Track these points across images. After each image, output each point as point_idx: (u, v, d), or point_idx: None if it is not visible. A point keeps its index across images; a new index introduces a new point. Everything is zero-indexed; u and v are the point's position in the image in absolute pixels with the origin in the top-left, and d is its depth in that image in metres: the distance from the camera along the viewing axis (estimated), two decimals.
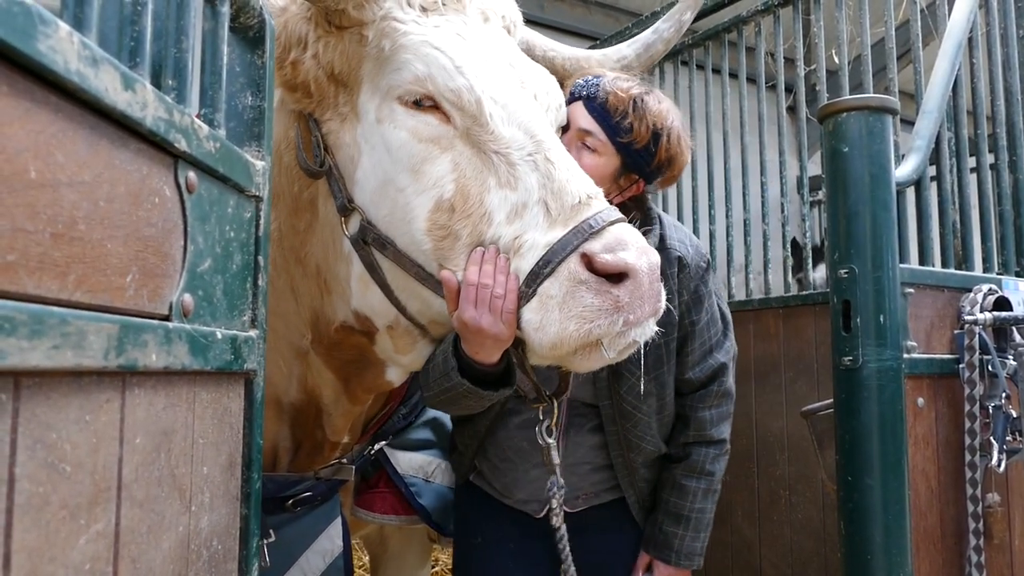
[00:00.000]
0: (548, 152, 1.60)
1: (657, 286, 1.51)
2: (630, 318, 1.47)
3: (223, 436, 1.24)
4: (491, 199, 1.60)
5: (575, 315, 1.48)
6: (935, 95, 2.94)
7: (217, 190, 1.21)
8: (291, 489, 2.18)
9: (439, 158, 1.65)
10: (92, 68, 0.85)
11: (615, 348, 1.52)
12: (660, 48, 2.18)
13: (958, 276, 2.87)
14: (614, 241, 1.49)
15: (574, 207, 1.53)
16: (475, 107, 1.62)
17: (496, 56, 1.69)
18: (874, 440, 2.46)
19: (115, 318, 0.91)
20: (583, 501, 2.41)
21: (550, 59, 2.11)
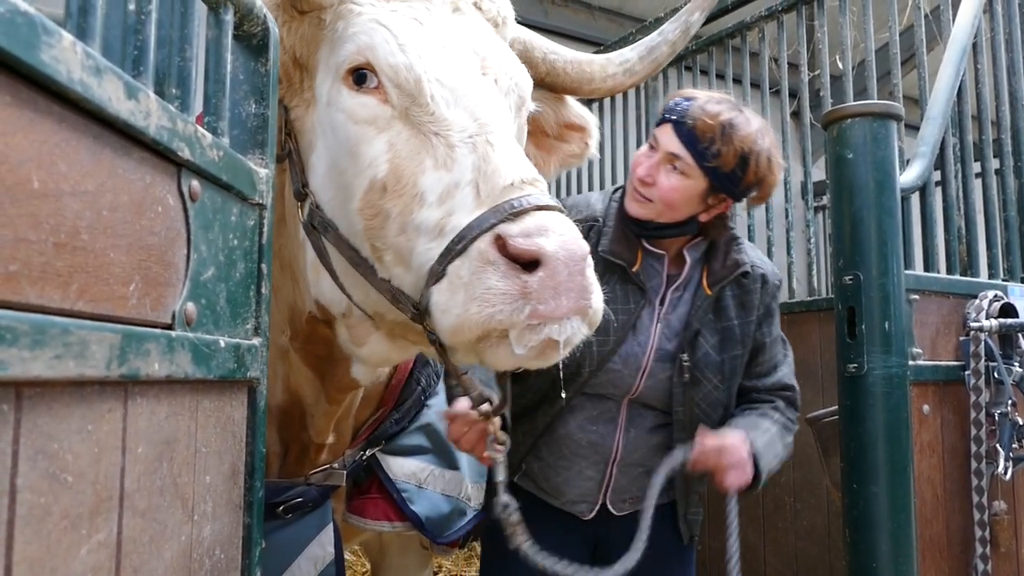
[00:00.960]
0: (490, 135, 1.53)
1: (581, 281, 1.36)
2: (539, 309, 1.34)
3: (226, 445, 1.24)
4: (425, 180, 1.55)
5: (477, 297, 1.37)
6: (939, 101, 2.94)
7: (220, 198, 1.20)
8: (282, 495, 2.16)
9: (375, 139, 1.62)
10: (95, 78, 0.85)
11: (524, 343, 1.38)
12: (665, 51, 2.10)
13: (963, 282, 2.86)
14: (534, 226, 1.37)
15: (504, 189, 1.45)
16: (413, 86, 1.58)
17: (454, 41, 1.67)
18: (879, 447, 2.45)
19: (117, 327, 0.90)
20: (629, 505, 2.42)
21: (551, 62, 2.05)
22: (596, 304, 1.43)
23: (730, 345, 2.36)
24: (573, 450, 2.39)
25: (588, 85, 2.08)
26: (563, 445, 2.40)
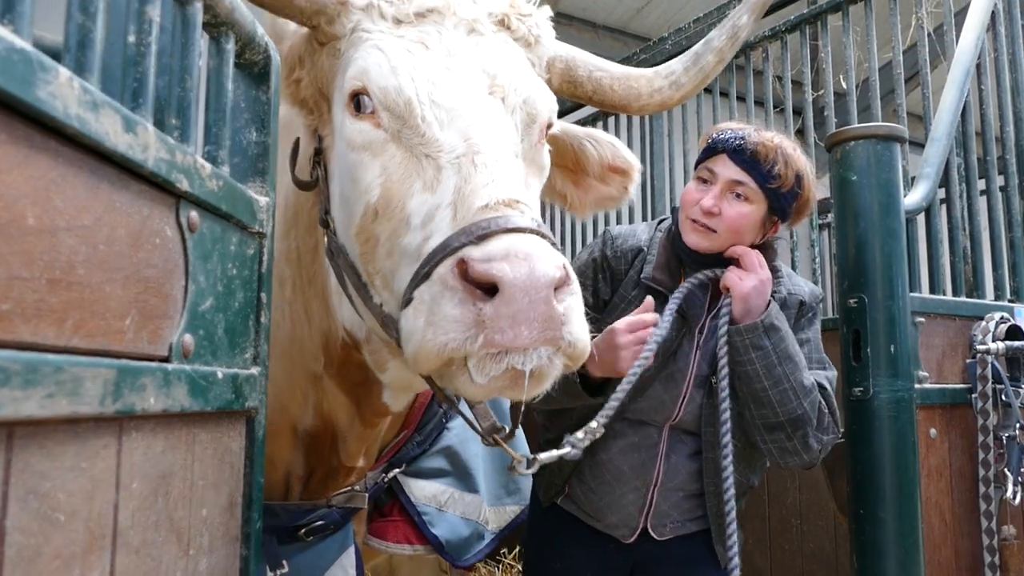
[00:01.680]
0: (478, 155, 1.47)
1: (545, 310, 1.28)
2: (495, 338, 1.27)
3: (223, 476, 1.23)
4: (412, 203, 1.52)
5: (434, 324, 1.32)
6: (944, 122, 2.93)
7: (220, 228, 1.20)
8: (304, 518, 2.16)
9: (371, 164, 1.60)
10: (92, 112, 0.85)
11: (485, 373, 1.32)
12: (711, 59, 1.94)
13: (969, 304, 2.84)
14: (500, 250, 1.30)
15: (478, 210, 1.39)
16: (403, 108, 1.56)
17: (460, 62, 1.63)
18: (886, 472, 2.43)
19: (112, 362, 0.89)
20: (670, 530, 2.43)
21: (596, 80, 1.95)
22: (574, 335, 1.34)
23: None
24: (615, 475, 2.41)
25: (636, 102, 1.97)
26: (605, 470, 2.41)
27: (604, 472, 2.41)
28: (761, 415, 2.28)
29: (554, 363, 1.35)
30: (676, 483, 2.41)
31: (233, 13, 1.25)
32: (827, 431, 2.30)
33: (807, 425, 2.24)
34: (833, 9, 4.17)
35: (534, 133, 1.70)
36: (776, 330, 2.24)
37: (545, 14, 1.90)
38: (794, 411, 2.23)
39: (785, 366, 2.23)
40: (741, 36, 1.88)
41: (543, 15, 1.89)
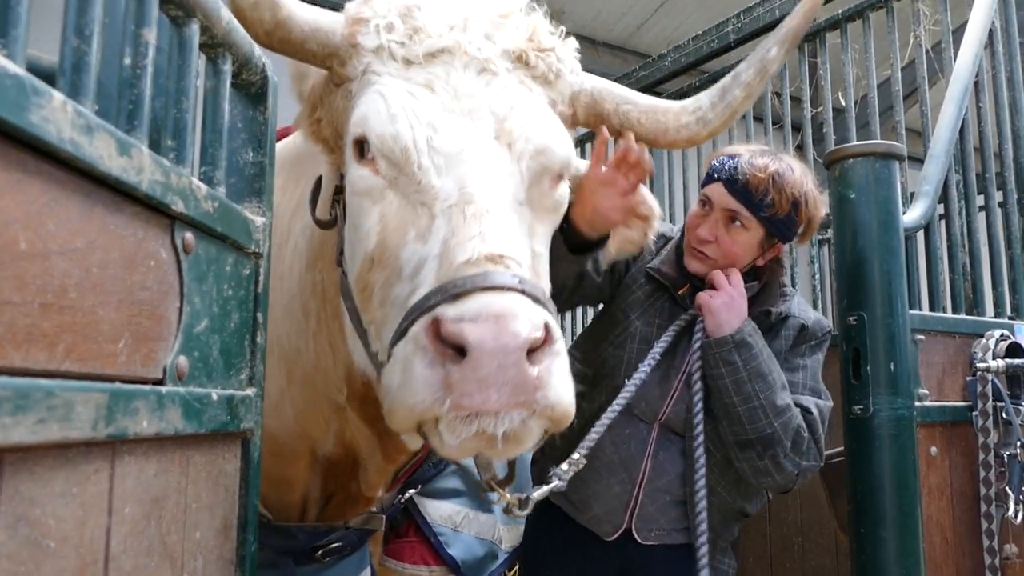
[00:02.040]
0: (470, 205, 1.43)
1: (516, 374, 1.24)
2: (462, 402, 1.24)
3: (217, 499, 1.22)
4: (404, 253, 1.49)
5: (406, 383, 1.30)
6: (942, 139, 2.93)
7: (215, 249, 1.20)
8: (322, 539, 2.17)
9: (371, 210, 1.58)
10: (86, 136, 0.85)
11: (456, 435, 1.29)
12: (738, 94, 1.80)
13: (969, 322, 2.83)
14: (472, 310, 1.27)
15: (460, 265, 1.35)
16: (399, 156, 1.52)
17: (466, 105, 1.59)
18: (887, 491, 2.41)
19: (105, 386, 0.89)
20: (655, 536, 2.44)
21: (624, 113, 1.86)
22: (550, 399, 1.29)
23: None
24: (604, 464, 2.43)
25: (664, 137, 1.87)
26: (595, 458, 2.39)
27: (594, 460, 2.39)
28: (732, 431, 2.31)
29: (529, 426, 1.31)
30: (662, 483, 2.42)
31: (230, 34, 1.25)
32: (805, 455, 2.30)
33: (777, 445, 2.26)
34: (831, 27, 4.19)
35: (545, 182, 1.65)
36: (748, 347, 2.27)
37: (571, 46, 1.85)
38: (763, 430, 2.25)
39: (755, 383, 2.25)
40: (770, 69, 1.77)
41: (567, 48, 1.83)
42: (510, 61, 1.68)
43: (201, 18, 1.17)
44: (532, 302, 1.33)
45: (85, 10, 0.90)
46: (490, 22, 1.67)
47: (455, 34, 1.62)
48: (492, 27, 1.67)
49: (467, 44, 1.62)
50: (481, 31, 1.65)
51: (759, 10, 4.48)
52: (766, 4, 4.44)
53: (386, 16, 1.64)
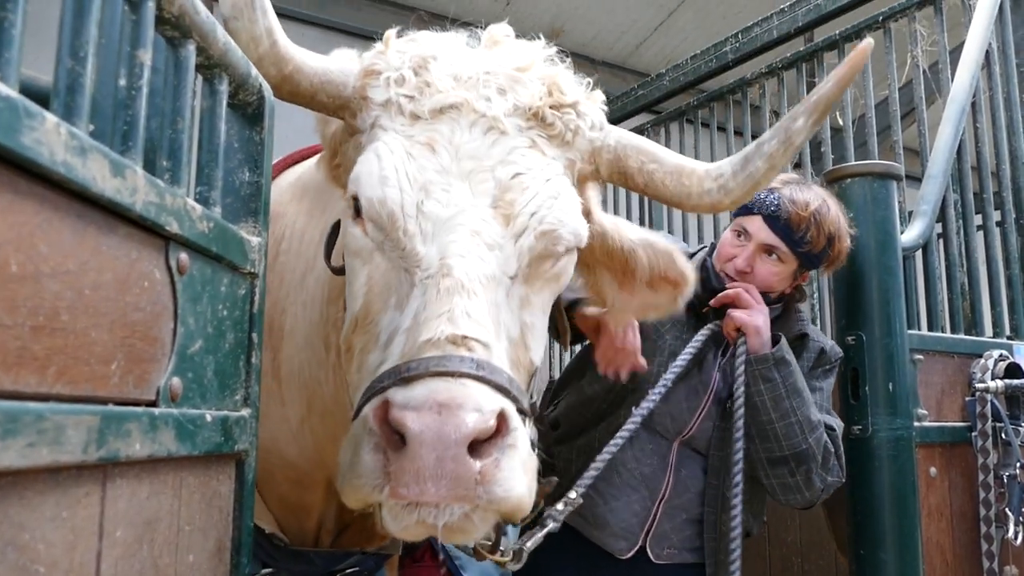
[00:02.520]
0: (444, 279, 1.39)
1: (455, 468, 1.20)
2: (399, 491, 1.21)
3: (211, 521, 1.21)
4: (384, 320, 1.47)
5: (352, 465, 1.29)
6: (940, 159, 2.94)
7: (210, 269, 1.19)
8: (339, 564, 2.16)
9: (360, 271, 1.56)
10: (79, 157, 0.84)
11: (397, 521, 1.27)
12: (761, 166, 1.67)
13: (968, 342, 2.83)
14: (418, 397, 1.23)
15: (421, 344, 1.32)
16: (386, 221, 1.48)
17: (465, 168, 1.52)
18: (886, 512, 2.40)
19: (96, 409, 0.88)
20: (667, 555, 2.45)
21: (648, 173, 1.76)
22: (496, 494, 1.24)
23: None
24: (625, 479, 2.44)
25: (687, 201, 1.78)
26: (616, 473, 2.42)
27: (615, 475, 2.41)
28: (766, 448, 2.30)
29: (472, 520, 1.27)
30: (682, 501, 2.44)
31: (227, 55, 1.25)
32: (831, 472, 2.31)
33: (811, 461, 2.26)
34: (829, 47, 4.21)
35: (548, 263, 1.59)
36: (786, 364, 2.29)
37: (597, 98, 1.78)
38: (799, 445, 2.25)
39: (793, 400, 2.26)
40: (796, 141, 1.64)
41: (592, 101, 1.75)
42: (523, 119, 1.61)
43: (197, 39, 1.17)
44: (490, 389, 1.29)
45: (80, 32, 0.90)
46: (506, 76, 1.62)
47: (464, 90, 1.57)
48: (508, 81, 1.61)
49: (475, 101, 1.56)
50: (495, 86, 1.60)
51: (757, 30, 4.51)
52: (764, 24, 4.47)
53: (398, 68, 1.60)
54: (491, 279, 1.44)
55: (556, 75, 1.68)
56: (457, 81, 1.58)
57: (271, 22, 1.55)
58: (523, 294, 1.55)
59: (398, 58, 1.62)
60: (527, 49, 1.72)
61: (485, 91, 1.58)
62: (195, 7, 1.13)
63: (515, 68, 1.64)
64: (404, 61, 1.61)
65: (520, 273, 1.53)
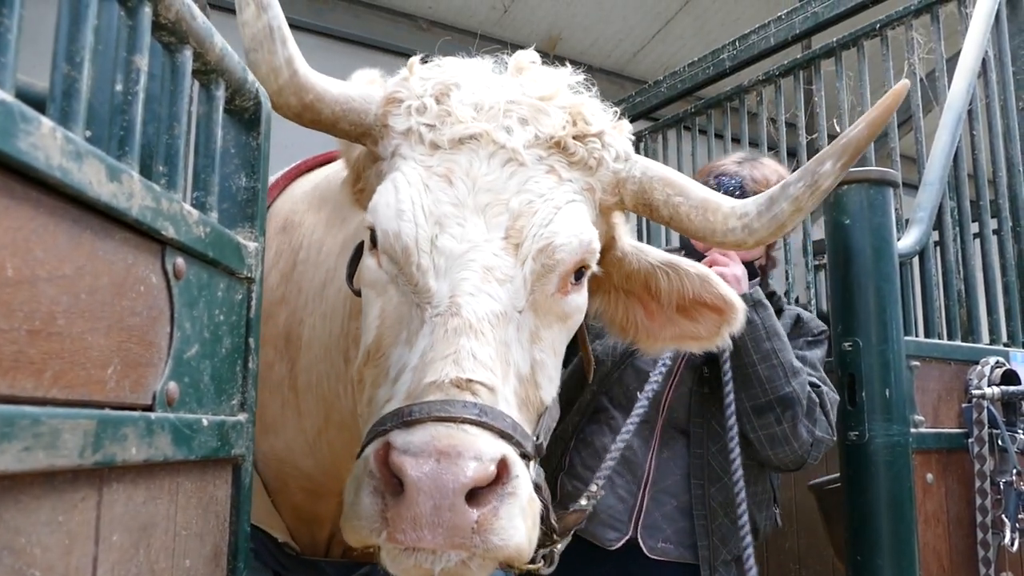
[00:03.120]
0: (453, 319, 1.38)
1: (452, 518, 1.20)
2: (397, 536, 1.21)
3: (208, 526, 1.21)
4: (394, 355, 1.46)
5: (353, 505, 1.29)
6: (936, 166, 2.95)
7: (207, 274, 1.19)
8: (351, 574, 2.15)
9: (374, 303, 1.55)
10: (75, 162, 0.84)
11: (395, 564, 1.28)
12: (786, 208, 1.63)
13: (965, 348, 2.83)
14: (420, 442, 1.23)
15: (426, 387, 1.32)
16: (400, 255, 1.47)
17: (480, 200, 1.51)
18: (883, 518, 2.40)
19: (93, 413, 0.88)
20: (662, 550, 2.42)
21: (674, 206, 1.72)
22: (494, 544, 1.24)
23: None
24: (619, 463, 2.42)
25: (712, 237, 1.73)
26: (599, 459, 2.41)
27: (598, 461, 2.40)
28: (751, 396, 2.33)
29: (471, 567, 1.27)
30: (667, 484, 2.43)
31: (223, 61, 1.25)
32: (818, 424, 2.34)
33: (796, 405, 2.29)
34: (826, 55, 4.23)
35: (551, 282, 1.55)
36: (764, 306, 2.37)
37: (624, 128, 1.76)
38: (781, 388, 2.29)
39: (774, 342, 2.33)
40: (823, 185, 1.59)
41: (618, 131, 1.72)
42: (544, 149, 1.59)
43: (194, 45, 1.17)
44: (492, 436, 1.29)
45: (76, 37, 0.90)
46: (530, 106, 1.60)
47: (485, 120, 1.56)
48: (531, 112, 1.60)
49: (495, 132, 1.55)
50: (517, 116, 1.59)
51: (754, 37, 4.52)
52: (761, 31, 4.48)
53: (420, 97, 1.59)
54: (501, 317, 1.43)
55: (581, 104, 1.66)
56: (478, 111, 1.57)
57: (291, 52, 1.54)
58: (533, 328, 1.53)
59: (420, 86, 1.61)
60: (552, 77, 1.70)
61: (506, 121, 1.57)
62: (192, 13, 1.13)
63: (539, 97, 1.62)
64: (426, 89, 1.60)
65: (529, 303, 1.51)
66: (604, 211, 1.73)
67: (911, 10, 3.84)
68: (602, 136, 1.66)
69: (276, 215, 2.22)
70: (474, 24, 7.26)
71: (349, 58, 6.59)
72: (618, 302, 1.91)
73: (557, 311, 1.59)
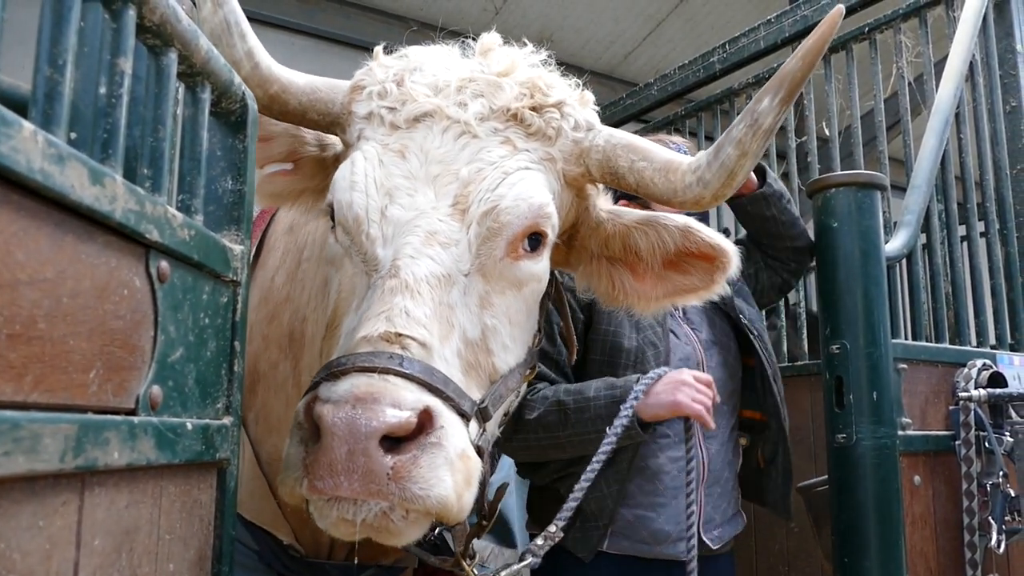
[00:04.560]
0: (391, 280, 1.41)
1: (367, 463, 1.19)
2: (316, 484, 1.22)
3: (192, 530, 1.20)
4: (345, 323, 1.50)
5: (285, 459, 1.29)
6: (924, 169, 2.96)
7: (192, 277, 1.19)
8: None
9: (334, 278, 1.59)
10: (57, 165, 0.84)
11: (322, 517, 1.28)
12: (731, 152, 1.58)
13: (952, 351, 2.85)
14: (341, 391, 1.24)
15: (358, 341, 1.34)
16: (352, 224, 1.52)
17: (431, 171, 1.54)
18: (870, 520, 2.41)
19: (74, 417, 0.88)
20: (717, 537, 2.48)
21: (638, 171, 1.69)
22: (411, 493, 1.22)
23: (748, 297, 2.72)
24: (667, 484, 2.44)
25: (675, 197, 1.69)
26: (659, 481, 2.42)
27: (658, 482, 2.42)
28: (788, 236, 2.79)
29: (392, 519, 1.25)
30: (715, 474, 2.49)
31: (209, 63, 1.25)
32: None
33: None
34: None
35: (498, 247, 1.55)
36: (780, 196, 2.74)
37: (587, 101, 1.76)
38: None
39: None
40: (764, 123, 1.54)
41: (579, 103, 1.72)
42: (500, 121, 1.62)
43: (179, 47, 1.17)
44: (416, 386, 1.29)
45: (58, 40, 0.90)
46: (486, 82, 1.64)
47: (438, 98, 1.60)
48: (487, 87, 1.63)
49: (448, 108, 1.59)
50: (471, 91, 1.62)
51: (744, 40, 4.53)
52: (751, 34, 4.49)
53: (382, 82, 1.64)
54: (442, 278, 1.45)
55: (537, 77, 1.69)
56: (434, 90, 1.62)
57: (251, 45, 1.60)
58: (482, 292, 1.54)
59: (383, 72, 1.67)
60: (512, 55, 1.74)
61: (460, 97, 1.61)
62: (177, 15, 1.13)
63: (496, 73, 1.66)
64: (388, 75, 1.65)
65: (477, 267, 1.53)
66: (571, 183, 1.74)
67: (899, 14, 3.86)
68: (561, 107, 1.68)
69: (283, 216, 2.24)
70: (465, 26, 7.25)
71: (340, 59, 6.59)
72: (601, 270, 1.90)
73: (509, 277, 1.59)
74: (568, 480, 2.45)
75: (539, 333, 1.83)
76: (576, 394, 2.31)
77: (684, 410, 2.18)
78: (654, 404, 2.21)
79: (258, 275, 2.22)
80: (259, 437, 2.11)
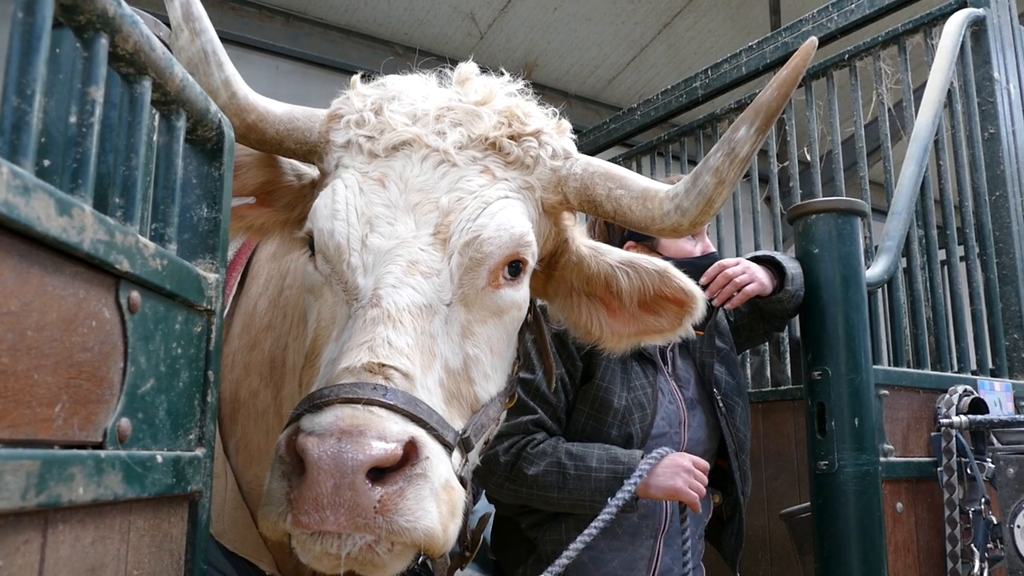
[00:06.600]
0: (372, 309, 1.40)
1: (353, 497, 1.18)
2: (300, 519, 1.20)
3: (161, 565, 1.18)
4: (325, 353, 1.48)
5: (267, 493, 1.27)
6: (903, 196, 2.98)
7: (163, 307, 1.17)
8: None
9: (313, 307, 1.58)
10: (23, 197, 0.83)
11: (305, 551, 1.25)
12: (709, 180, 1.58)
13: (933, 377, 2.85)
14: (325, 423, 1.23)
15: (339, 372, 1.33)
16: (333, 253, 1.50)
17: (411, 200, 1.54)
18: (853, 547, 2.40)
19: (36, 453, 0.86)
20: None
21: (616, 199, 1.69)
22: (398, 525, 1.21)
23: (733, 365, 2.68)
24: (626, 529, 2.44)
25: (653, 225, 1.70)
26: (616, 525, 2.40)
27: (616, 527, 2.41)
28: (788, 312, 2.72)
29: (377, 552, 1.23)
30: (679, 526, 2.47)
31: (184, 91, 1.24)
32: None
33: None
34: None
35: (480, 276, 1.55)
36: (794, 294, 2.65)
37: (564, 130, 1.77)
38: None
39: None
40: (741, 152, 1.54)
41: (556, 131, 1.74)
42: (479, 150, 1.62)
43: (153, 75, 1.16)
44: (400, 417, 1.28)
45: (26, 69, 0.89)
46: (464, 111, 1.64)
47: (417, 126, 1.60)
48: (465, 116, 1.63)
49: (427, 136, 1.59)
50: (450, 120, 1.62)
51: (726, 66, 4.57)
52: (733, 60, 4.53)
53: (360, 111, 1.64)
54: (424, 308, 1.45)
55: (515, 106, 1.69)
56: (413, 119, 1.61)
57: (228, 74, 1.59)
58: (464, 322, 1.54)
59: (360, 101, 1.66)
60: (490, 84, 1.74)
61: (439, 126, 1.61)
62: (151, 44, 1.12)
63: (474, 102, 1.66)
64: (366, 104, 1.64)
65: (459, 297, 1.53)
66: (549, 211, 1.74)
67: (879, 41, 3.90)
68: (539, 135, 1.68)
69: (268, 243, 2.23)
70: (450, 50, 7.30)
71: (325, 83, 6.60)
72: (580, 305, 1.92)
73: (491, 306, 1.59)
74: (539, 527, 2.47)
75: (518, 360, 1.82)
76: (578, 460, 2.34)
77: (681, 497, 2.24)
78: (653, 486, 2.26)
79: (241, 302, 2.20)
80: (240, 466, 2.08)
